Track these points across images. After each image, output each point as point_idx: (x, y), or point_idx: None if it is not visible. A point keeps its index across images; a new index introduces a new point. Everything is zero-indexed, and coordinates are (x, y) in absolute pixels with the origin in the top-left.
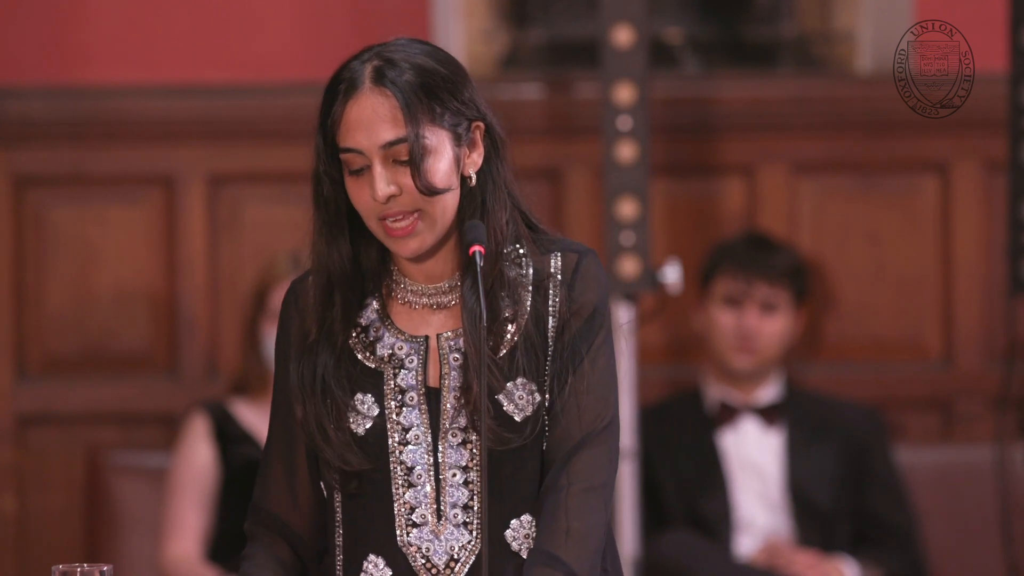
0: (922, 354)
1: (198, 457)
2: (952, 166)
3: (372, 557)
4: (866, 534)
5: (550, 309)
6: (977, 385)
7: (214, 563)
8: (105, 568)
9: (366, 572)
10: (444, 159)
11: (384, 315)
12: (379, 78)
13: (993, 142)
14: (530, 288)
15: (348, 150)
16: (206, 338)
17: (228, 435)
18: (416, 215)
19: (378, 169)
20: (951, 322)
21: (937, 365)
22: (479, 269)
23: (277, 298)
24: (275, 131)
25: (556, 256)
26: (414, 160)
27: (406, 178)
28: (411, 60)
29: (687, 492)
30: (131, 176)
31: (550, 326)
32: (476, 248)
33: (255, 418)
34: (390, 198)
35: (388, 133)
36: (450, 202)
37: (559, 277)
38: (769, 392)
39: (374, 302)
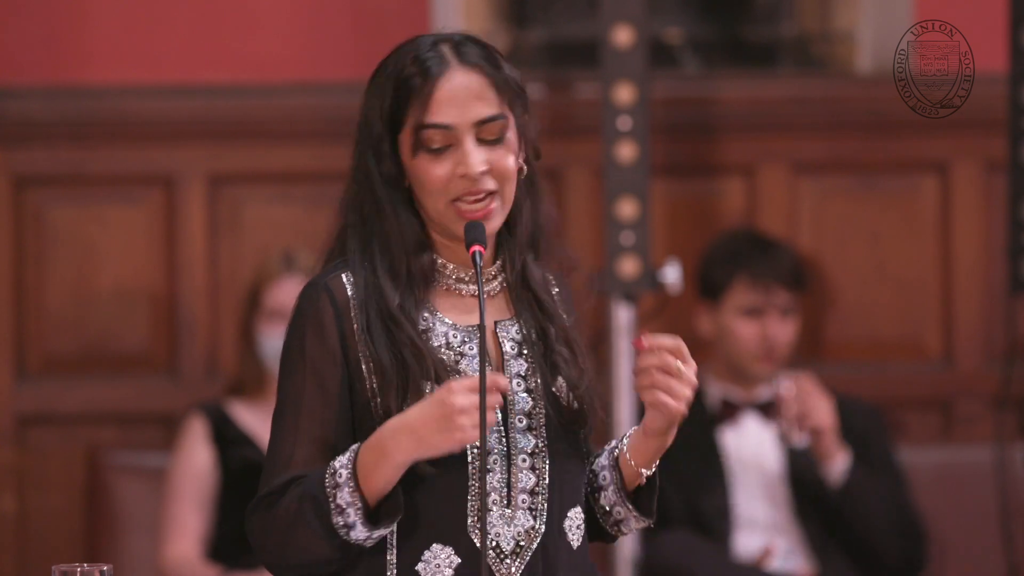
0: (922, 354)
1: (197, 459)
2: (952, 166)
3: (436, 547)
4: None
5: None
6: (977, 385)
7: (214, 564)
8: (105, 568)
9: (427, 562)
10: (515, 144)
11: (429, 304)
12: (463, 56)
13: (993, 142)
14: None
15: (438, 126)
16: (206, 338)
17: (226, 437)
18: (493, 195)
19: (470, 145)
20: (951, 322)
21: (937, 365)
22: (479, 269)
23: (271, 297)
24: (275, 131)
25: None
26: (505, 138)
27: (492, 155)
28: (476, 41)
29: (687, 490)
30: (131, 176)
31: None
32: (476, 248)
33: (253, 420)
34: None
35: (483, 110)
36: (515, 186)
37: (555, 285)
38: (771, 388)
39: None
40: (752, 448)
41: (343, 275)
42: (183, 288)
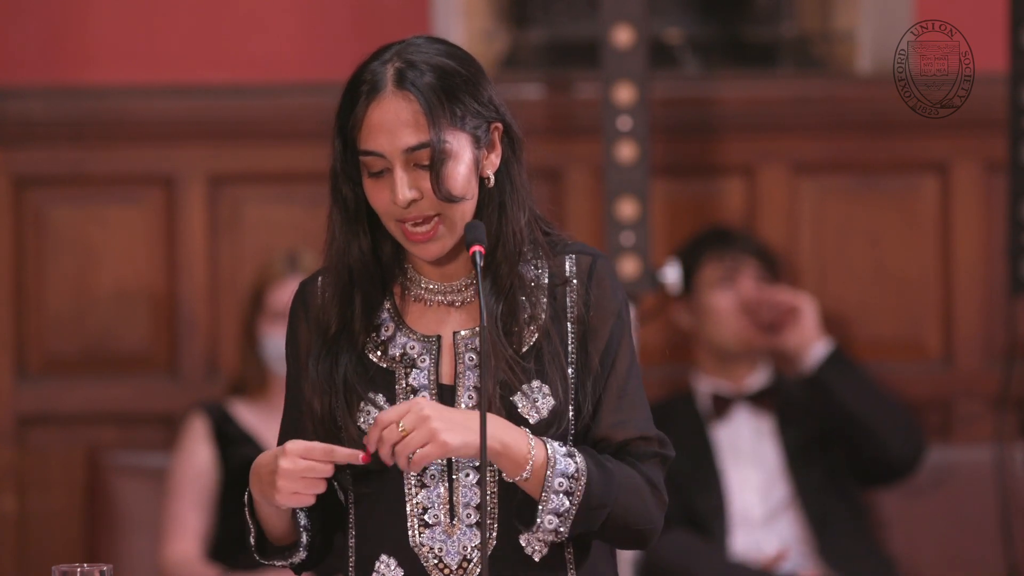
0: (922, 354)
1: (198, 458)
2: (952, 166)
3: (384, 558)
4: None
5: (568, 313)
6: (977, 385)
7: (214, 563)
8: (105, 568)
9: (378, 573)
10: (464, 163)
11: (396, 314)
12: (401, 81)
13: (993, 142)
14: (545, 290)
15: (369, 153)
16: (206, 338)
17: (227, 436)
18: (436, 219)
19: (399, 174)
20: (951, 322)
21: (937, 365)
22: (479, 269)
23: (274, 298)
24: (275, 131)
25: (570, 258)
26: (435, 166)
27: (426, 182)
28: (431, 62)
29: (683, 490)
30: (131, 176)
31: (569, 331)
32: (476, 248)
33: (254, 419)
34: (411, 203)
35: (411, 138)
36: (469, 207)
37: (574, 281)
38: (759, 378)
39: (386, 301)
40: (746, 441)
41: (319, 278)
42: (183, 288)
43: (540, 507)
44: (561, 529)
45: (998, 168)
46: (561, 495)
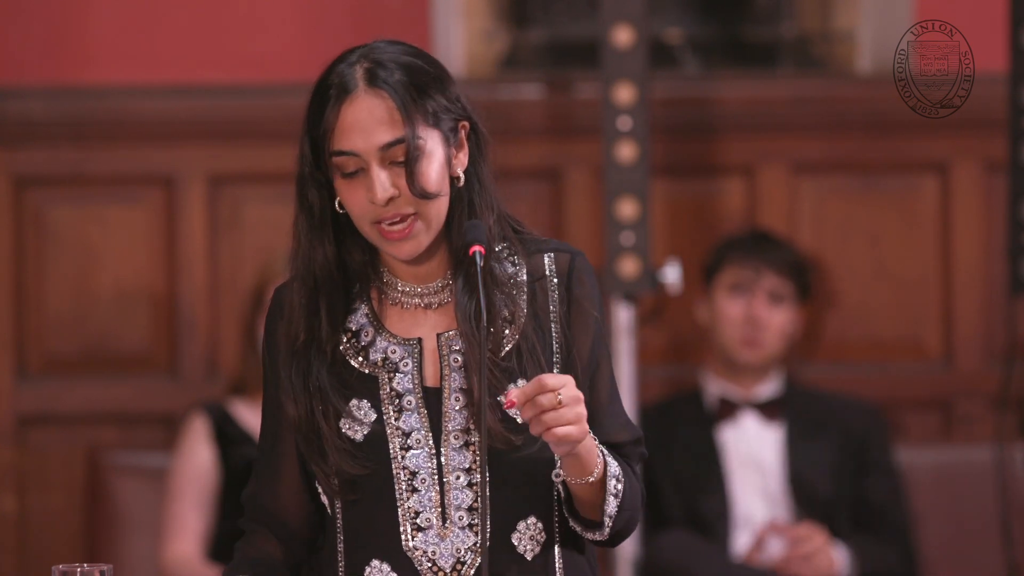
0: (922, 354)
1: (198, 458)
2: (952, 166)
3: (375, 563)
4: (863, 525)
5: (551, 312)
6: (977, 385)
7: (214, 563)
8: (105, 568)
9: None
10: (437, 160)
11: (375, 319)
12: (373, 79)
13: (993, 142)
14: (524, 288)
15: (343, 153)
16: (206, 338)
17: (228, 436)
18: (413, 217)
19: (376, 171)
20: (951, 322)
21: (937, 365)
22: (479, 269)
23: None
24: (275, 131)
25: (549, 256)
26: (410, 162)
27: (402, 179)
28: (399, 60)
29: (686, 490)
30: (131, 176)
31: (553, 331)
32: (477, 248)
33: (254, 419)
34: (389, 200)
35: (386, 135)
36: (443, 204)
37: (555, 280)
38: (769, 387)
39: (363, 306)
40: (751, 447)
41: (296, 283)
42: (183, 288)
43: (605, 510)
44: (607, 530)
45: (998, 168)
46: (611, 497)
